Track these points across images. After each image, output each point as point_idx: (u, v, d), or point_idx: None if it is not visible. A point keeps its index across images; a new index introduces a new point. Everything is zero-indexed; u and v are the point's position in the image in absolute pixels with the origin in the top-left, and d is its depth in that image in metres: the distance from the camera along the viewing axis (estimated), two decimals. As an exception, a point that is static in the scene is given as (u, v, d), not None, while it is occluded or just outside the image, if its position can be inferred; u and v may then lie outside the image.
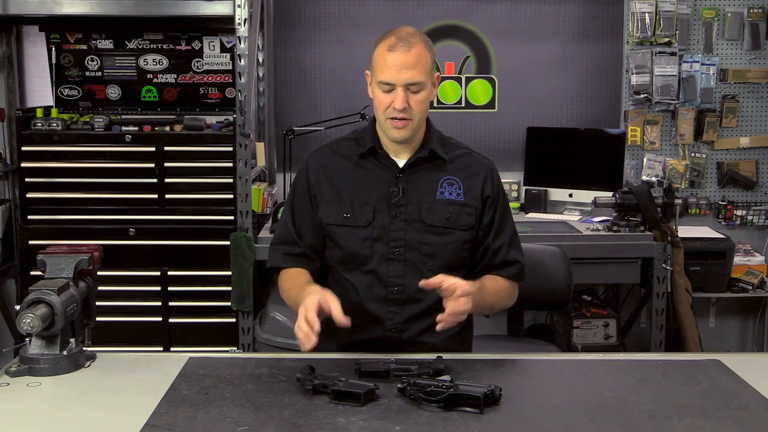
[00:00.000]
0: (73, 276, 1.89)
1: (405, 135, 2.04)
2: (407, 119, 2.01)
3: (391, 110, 2.01)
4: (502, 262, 2.13)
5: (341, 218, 2.09)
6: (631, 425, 1.57)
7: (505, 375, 1.83)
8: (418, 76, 1.99)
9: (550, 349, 3.17)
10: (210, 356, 1.95)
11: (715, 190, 4.39)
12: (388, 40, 2.01)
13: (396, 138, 2.06)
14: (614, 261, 3.72)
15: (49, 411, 1.64)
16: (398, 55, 1.98)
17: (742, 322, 4.48)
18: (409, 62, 1.98)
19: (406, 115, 2.01)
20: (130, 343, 3.62)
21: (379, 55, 2.02)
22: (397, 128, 2.03)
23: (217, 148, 3.72)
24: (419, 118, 2.04)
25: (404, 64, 1.98)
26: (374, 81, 2.04)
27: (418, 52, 2.00)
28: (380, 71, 2.01)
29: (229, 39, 4.09)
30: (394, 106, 1.99)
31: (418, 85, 2.00)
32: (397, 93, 1.99)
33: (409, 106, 2.00)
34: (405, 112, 2.00)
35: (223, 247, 3.62)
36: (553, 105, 4.35)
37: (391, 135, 2.06)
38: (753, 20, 4.27)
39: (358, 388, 1.65)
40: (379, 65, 2.02)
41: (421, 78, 2.00)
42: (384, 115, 2.03)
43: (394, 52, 1.98)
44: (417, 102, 2.01)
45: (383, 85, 2.00)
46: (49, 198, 3.72)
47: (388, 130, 2.05)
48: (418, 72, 1.99)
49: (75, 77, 4.15)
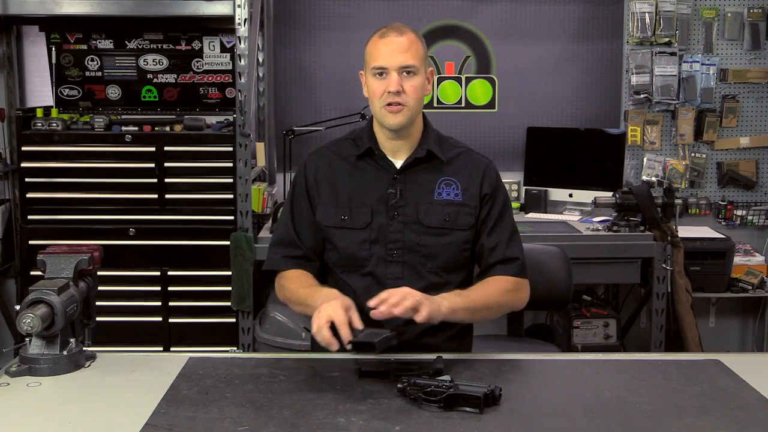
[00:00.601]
0: (73, 276, 1.89)
1: (400, 120, 2.02)
2: (402, 105, 2.01)
3: (386, 96, 2.00)
4: (502, 259, 2.10)
5: (339, 220, 2.09)
6: (631, 425, 1.57)
7: (505, 375, 1.83)
8: (411, 59, 2.00)
9: (550, 349, 3.17)
10: (210, 356, 1.95)
11: (715, 190, 4.39)
12: (379, 32, 2.05)
13: (392, 125, 2.03)
14: (614, 261, 3.72)
15: (49, 411, 1.64)
16: (390, 39, 2.00)
17: (742, 322, 4.48)
18: (401, 46, 2.00)
19: (401, 100, 2.00)
20: (130, 343, 3.62)
21: (372, 45, 2.04)
22: (393, 113, 2.01)
23: (217, 148, 3.72)
24: (414, 106, 2.03)
25: (396, 48, 2.00)
26: (368, 72, 2.04)
27: (410, 38, 2.02)
28: (372, 58, 2.02)
29: (229, 39, 4.09)
30: (388, 89, 1.99)
31: (412, 68, 2.00)
32: (391, 76, 2.00)
33: (403, 91, 2.00)
34: (399, 96, 2.00)
35: (223, 247, 3.62)
36: (553, 105, 4.35)
37: (386, 122, 2.04)
38: (753, 20, 4.27)
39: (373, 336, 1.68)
40: (371, 54, 2.03)
41: (415, 62, 2.00)
42: (379, 103, 2.02)
43: (386, 38, 2.01)
44: (412, 87, 2.01)
45: (376, 70, 2.01)
46: (49, 198, 3.72)
47: (384, 118, 2.04)
48: (411, 56, 2.00)
49: (75, 77, 4.15)
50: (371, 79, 2.03)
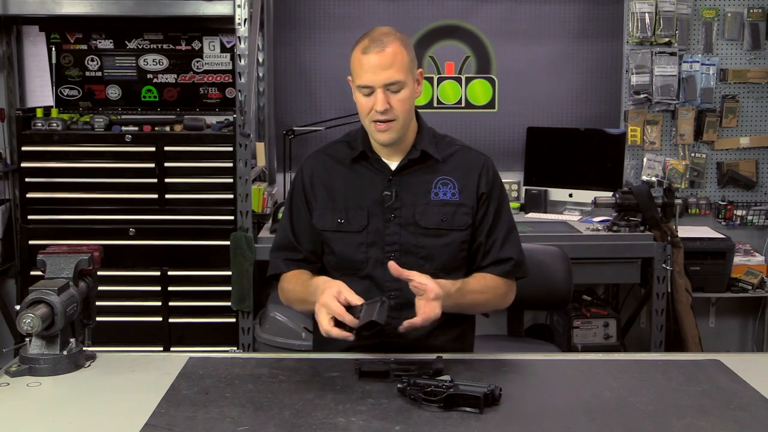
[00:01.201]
0: (73, 276, 1.89)
1: (390, 137, 2.02)
2: (390, 120, 1.99)
3: (373, 113, 1.99)
4: (495, 260, 2.09)
5: (335, 224, 2.08)
6: (631, 425, 1.57)
7: (505, 375, 1.83)
8: (396, 74, 1.96)
9: (550, 349, 3.17)
10: (210, 356, 1.95)
11: (715, 190, 4.39)
12: (362, 44, 2.00)
13: (382, 141, 2.03)
14: (614, 261, 3.72)
15: (49, 411, 1.64)
16: (372, 56, 1.96)
17: (742, 322, 4.48)
18: (384, 62, 1.96)
19: (389, 117, 1.98)
20: (130, 343, 3.61)
21: (355, 60, 2.01)
22: (381, 131, 2.00)
23: (217, 148, 3.72)
24: (403, 118, 2.01)
25: (380, 64, 1.96)
26: (354, 86, 2.03)
27: (394, 50, 1.97)
28: (357, 76, 2.00)
29: (229, 39, 4.09)
30: (375, 108, 1.97)
31: (397, 84, 1.97)
32: (377, 95, 1.97)
33: (390, 107, 1.98)
34: (387, 114, 1.98)
35: (223, 247, 3.62)
36: (553, 105, 4.35)
37: (377, 138, 2.04)
38: (753, 20, 4.27)
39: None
40: (356, 70, 2.01)
41: (399, 76, 1.97)
42: (368, 119, 2.01)
43: (368, 54, 1.97)
44: (399, 101, 1.98)
45: (362, 89, 1.99)
46: (49, 198, 3.72)
47: (373, 134, 2.03)
48: (396, 71, 1.96)
49: (75, 77, 4.15)
50: (358, 95, 2.02)
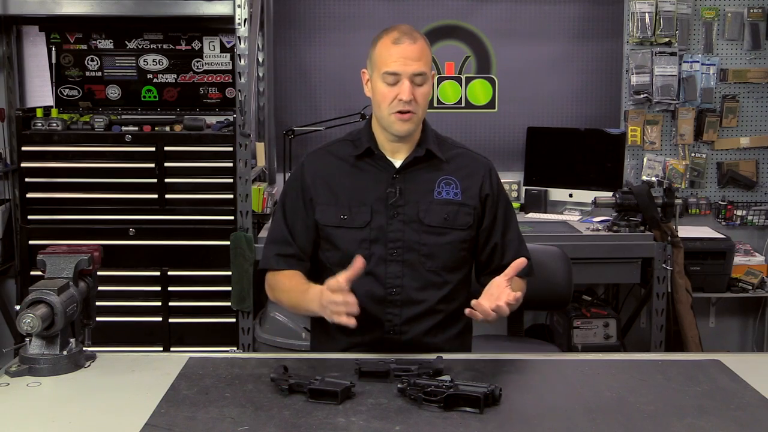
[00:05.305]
0: (73, 276, 1.89)
1: (410, 128, 2.05)
2: (412, 112, 2.02)
3: (396, 103, 2.01)
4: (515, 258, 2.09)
5: (338, 220, 2.08)
6: (631, 425, 1.57)
7: (505, 375, 1.83)
8: (424, 67, 2.02)
9: (550, 349, 3.17)
10: (210, 356, 1.95)
11: (715, 190, 4.39)
12: (391, 35, 2.03)
13: (400, 132, 2.05)
14: (614, 261, 3.72)
15: (49, 411, 1.64)
16: (405, 47, 2.00)
17: (742, 322, 4.48)
18: (414, 54, 2.01)
19: (412, 108, 2.01)
20: (130, 343, 3.62)
21: (383, 48, 2.03)
22: (403, 121, 2.03)
23: (217, 148, 3.72)
24: (422, 113, 2.06)
25: (410, 56, 2.00)
26: (377, 75, 2.03)
27: (422, 46, 2.03)
28: (385, 63, 2.01)
29: (229, 39, 4.09)
30: (400, 97, 2.00)
31: (423, 76, 2.02)
32: (404, 84, 2.00)
33: (414, 99, 2.01)
34: (410, 105, 2.00)
35: (223, 247, 3.62)
36: (553, 105, 4.35)
37: (395, 129, 2.05)
38: (753, 20, 4.27)
39: (335, 386, 1.65)
40: (383, 58, 2.02)
41: (426, 70, 2.03)
42: (389, 110, 2.03)
43: (399, 45, 2.01)
44: (421, 95, 2.03)
45: (389, 76, 2.00)
46: (49, 198, 3.71)
47: (392, 125, 2.04)
48: (423, 63, 2.02)
49: (75, 77, 4.15)
50: (380, 84, 2.03)
